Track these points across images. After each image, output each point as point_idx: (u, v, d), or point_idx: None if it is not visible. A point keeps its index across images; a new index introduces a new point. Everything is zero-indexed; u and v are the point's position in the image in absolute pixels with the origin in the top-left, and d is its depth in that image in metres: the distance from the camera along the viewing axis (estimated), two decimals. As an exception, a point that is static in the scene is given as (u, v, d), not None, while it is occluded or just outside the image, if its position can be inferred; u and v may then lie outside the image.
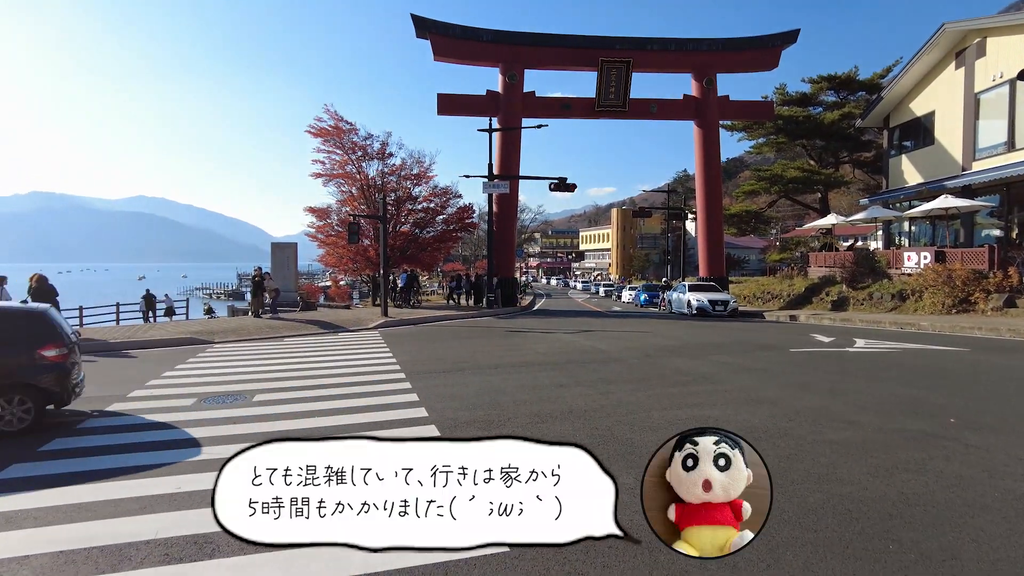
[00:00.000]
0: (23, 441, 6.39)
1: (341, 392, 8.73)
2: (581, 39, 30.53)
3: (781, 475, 5.03)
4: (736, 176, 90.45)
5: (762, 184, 41.03)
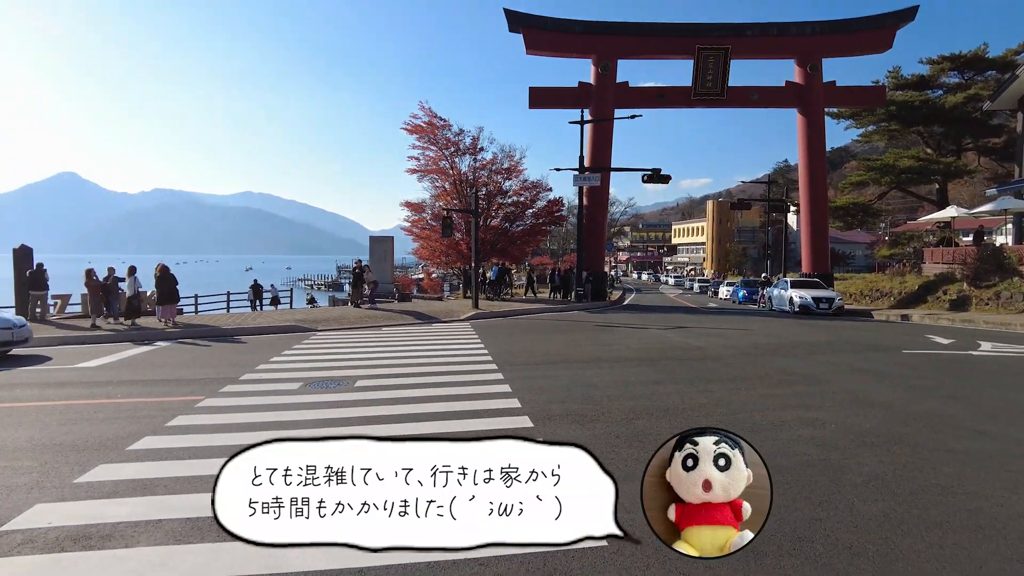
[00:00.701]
0: (151, 416, 6.97)
1: (436, 380, 8.95)
2: (676, 27, 29.69)
3: (897, 484, 4.72)
4: (842, 167, 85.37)
5: (871, 175, 38.45)
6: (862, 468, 5.09)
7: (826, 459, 5.33)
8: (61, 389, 8.75)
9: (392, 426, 6.49)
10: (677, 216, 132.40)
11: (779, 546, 3.67)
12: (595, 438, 5.92)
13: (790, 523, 3.99)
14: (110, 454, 5.56)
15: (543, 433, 6.10)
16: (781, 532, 3.85)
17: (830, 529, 3.92)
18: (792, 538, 3.78)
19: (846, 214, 40.81)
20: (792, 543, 3.72)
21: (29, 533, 3.92)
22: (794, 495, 4.48)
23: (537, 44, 29.16)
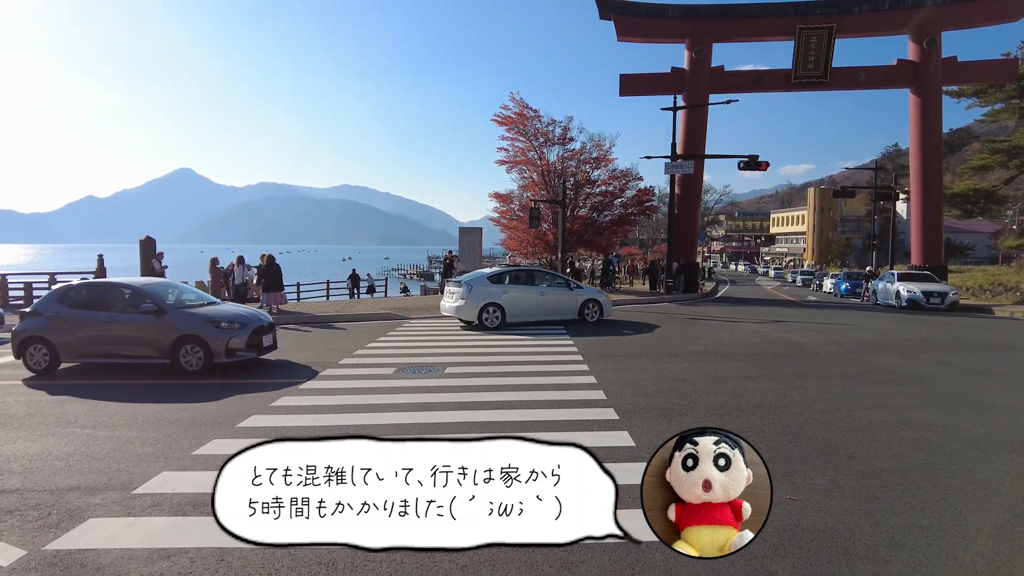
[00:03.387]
0: (259, 396, 7.50)
1: (522, 370, 9.08)
2: (775, 7, 28.26)
3: (1015, 496, 4.39)
4: (961, 150, 78.68)
5: (997, 158, 35.16)
6: (972, 475, 4.77)
7: (930, 463, 5.02)
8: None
9: (479, 412, 6.66)
10: (776, 204, 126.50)
11: (874, 552, 3.53)
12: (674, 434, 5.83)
13: (887, 528, 3.82)
14: (223, 430, 6.06)
15: (629, 426, 6.09)
16: (877, 537, 3.70)
17: (933, 537, 3.71)
18: (890, 544, 3.62)
19: (964, 201, 37.51)
20: (889, 549, 3.56)
21: (157, 497, 4.36)
22: (892, 499, 4.26)
23: (629, 30, 28.62)
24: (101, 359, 9.34)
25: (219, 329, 9.22)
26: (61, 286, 10.14)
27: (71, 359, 9.40)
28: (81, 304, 9.46)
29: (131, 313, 9.32)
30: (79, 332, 9.22)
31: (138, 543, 3.67)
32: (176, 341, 9.10)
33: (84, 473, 4.87)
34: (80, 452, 5.39)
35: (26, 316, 9.59)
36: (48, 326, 9.26)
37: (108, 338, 9.26)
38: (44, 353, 9.23)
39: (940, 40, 27.54)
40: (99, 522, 3.97)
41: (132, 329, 9.24)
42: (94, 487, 4.55)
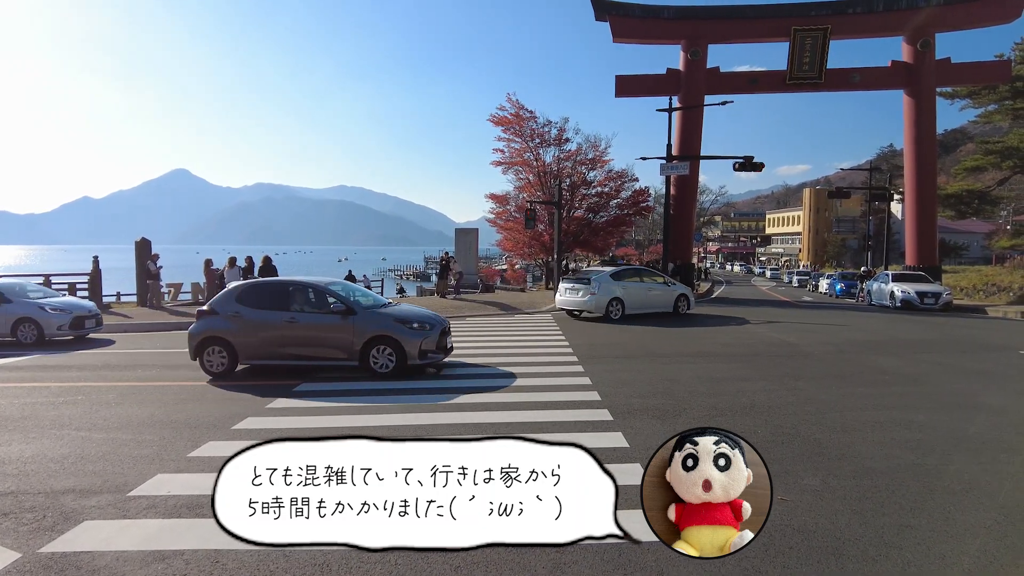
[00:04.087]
0: (254, 398, 7.51)
1: (518, 371, 9.11)
2: (770, 8, 28.34)
3: (1003, 495, 4.44)
4: (955, 150, 78.99)
5: (991, 159, 35.28)
6: (962, 475, 4.81)
7: (921, 463, 5.06)
8: (177, 371, 9.58)
9: (473, 414, 6.69)
10: (772, 205, 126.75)
11: (864, 551, 3.56)
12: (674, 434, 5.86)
13: (877, 528, 3.85)
14: (218, 432, 6.08)
15: (623, 427, 6.13)
16: (867, 537, 3.73)
17: (922, 537, 3.75)
18: (879, 543, 3.66)
19: (959, 202, 37.62)
20: (878, 549, 3.59)
21: (152, 499, 4.38)
22: (883, 499, 4.30)
23: (624, 31, 28.66)
24: (282, 361, 9.03)
25: (412, 330, 8.90)
26: (241, 284, 9.69)
27: (249, 361, 9.08)
28: (262, 303, 9.14)
29: (317, 313, 9.07)
30: (260, 333, 8.93)
31: (133, 545, 3.68)
32: (368, 342, 8.81)
33: (79, 475, 4.88)
34: (75, 454, 5.39)
35: (202, 315, 9.20)
36: (227, 326, 8.92)
37: (292, 339, 8.93)
38: (222, 355, 8.92)
39: (934, 42, 27.65)
40: (94, 524, 3.98)
41: (319, 330, 8.97)
42: (89, 489, 4.56)
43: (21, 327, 12.58)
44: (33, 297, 13.30)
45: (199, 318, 9.23)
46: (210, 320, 9.06)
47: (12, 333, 12.59)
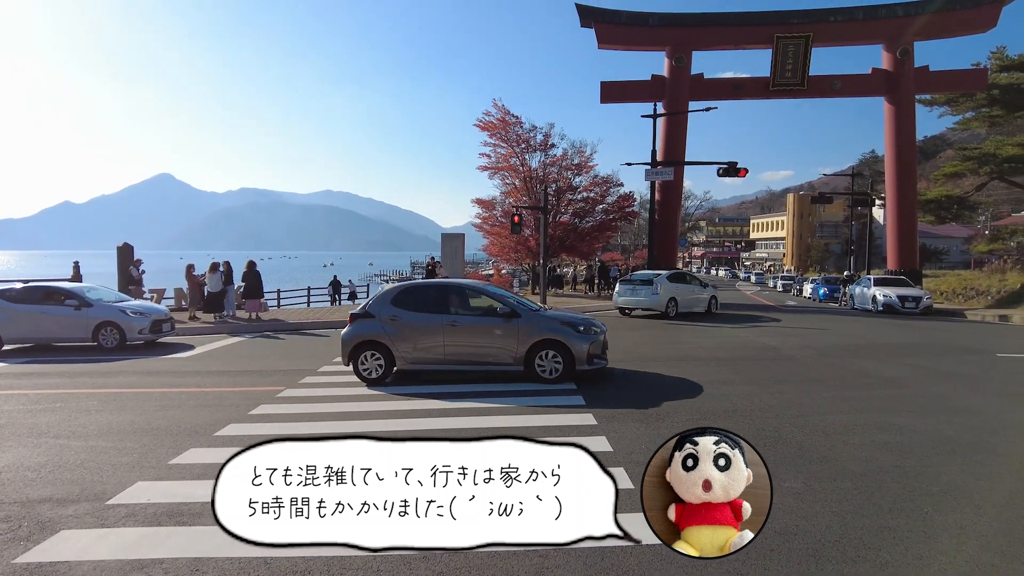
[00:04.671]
0: (236, 404, 7.45)
1: (506, 376, 9.10)
2: (754, 16, 28.70)
3: (979, 495, 4.50)
4: (935, 156, 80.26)
5: (969, 164, 35.84)
6: (940, 477, 4.88)
7: (900, 466, 5.12)
8: (157, 377, 9.48)
9: (458, 419, 6.68)
10: (756, 210, 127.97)
11: (843, 552, 3.60)
12: (660, 438, 5.87)
13: (856, 530, 3.90)
14: (200, 439, 6.02)
15: (607, 431, 6.15)
16: (846, 538, 3.77)
17: (900, 538, 3.80)
18: (858, 545, 3.70)
19: (938, 207, 38.16)
20: (858, 550, 3.63)
21: (132, 507, 4.32)
22: (862, 501, 4.35)
23: (609, 38, 28.85)
24: (441, 367, 8.80)
25: (579, 333, 8.60)
26: (397, 286, 9.45)
27: (408, 365, 8.80)
28: (421, 306, 8.89)
29: (479, 316, 8.79)
30: (420, 337, 8.68)
31: (111, 555, 3.63)
32: (533, 347, 8.52)
33: (56, 484, 4.80)
34: (52, 463, 5.32)
35: (356, 319, 8.95)
36: (384, 330, 8.68)
37: (452, 343, 8.67)
38: (378, 360, 8.68)
39: (913, 50, 28.10)
40: (71, 534, 3.92)
41: (481, 334, 8.69)
42: (66, 498, 4.50)
43: (103, 331, 12.50)
44: (110, 300, 13.26)
45: (352, 322, 8.96)
46: (365, 324, 8.81)
47: (94, 337, 12.48)
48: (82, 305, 12.60)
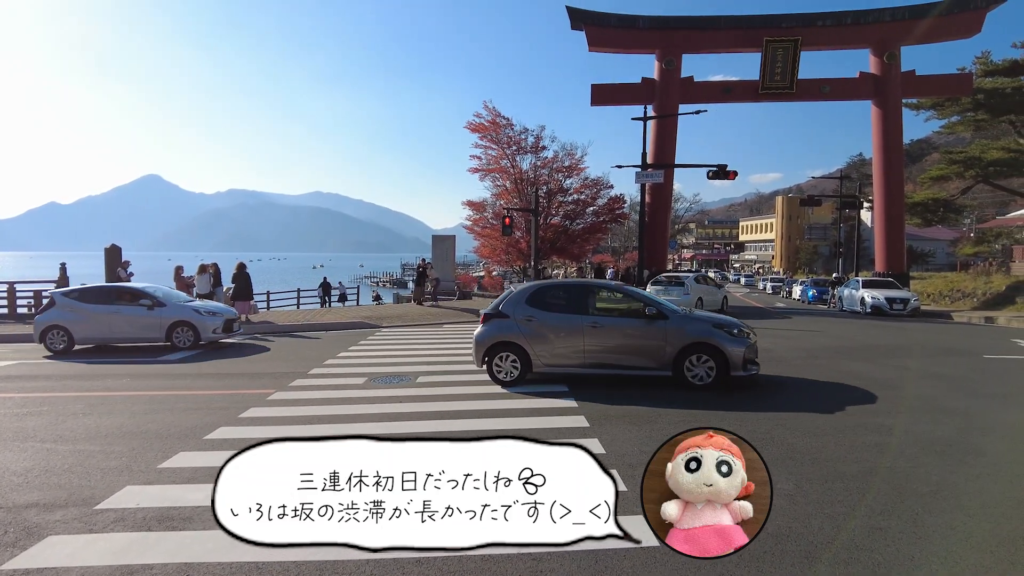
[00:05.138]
0: (226, 408, 7.39)
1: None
2: (743, 19, 28.90)
3: (968, 496, 4.54)
4: (921, 160, 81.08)
5: (955, 168, 36.22)
6: (930, 477, 4.91)
7: (891, 467, 5.16)
8: (147, 380, 9.39)
9: (450, 422, 6.66)
10: (745, 212, 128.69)
11: (835, 554, 3.62)
12: (651, 440, 5.91)
13: (848, 531, 3.92)
14: (189, 442, 5.96)
15: (599, 434, 6.15)
16: (838, 540, 3.79)
17: (891, 539, 3.82)
18: (850, 546, 3.71)
19: (925, 210, 38.57)
20: (849, 551, 3.65)
21: (120, 512, 4.27)
22: (853, 503, 4.37)
23: (600, 40, 28.94)
24: (581, 370, 8.42)
25: (733, 337, 8.13)
26: (532, 284, 9.07)
27: (543, 368, 8.48)
28: (559, 306, 8.54)
29: (623, 316, 8.38)
30: (559, 338, 8.35)
31: (100, 560, 3.59)
32: (683, 350, 8.08)
33: (43, 489, 4.74)
34: (39, 467, 5.25)
35: (490, 319, 8.61)
36: (520, 331, 8.35)
37: (594, 345, 8.28)
38: (514, 362, 8.37)
39: (899, 54, 28.39)
40: (59, 539, 3.88)
41: (626, 335, 8.27)
42: (54, 503, 4.44)
43: (177, 331, 12.58)
44: (179, 300, 13.39)
45: (485, 322, 8.66)
46: (500, 324, 8.50)
47: (167, 337, 12.57)
48: (155, 305, 12.68)
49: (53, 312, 12.43)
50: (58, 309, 12.44)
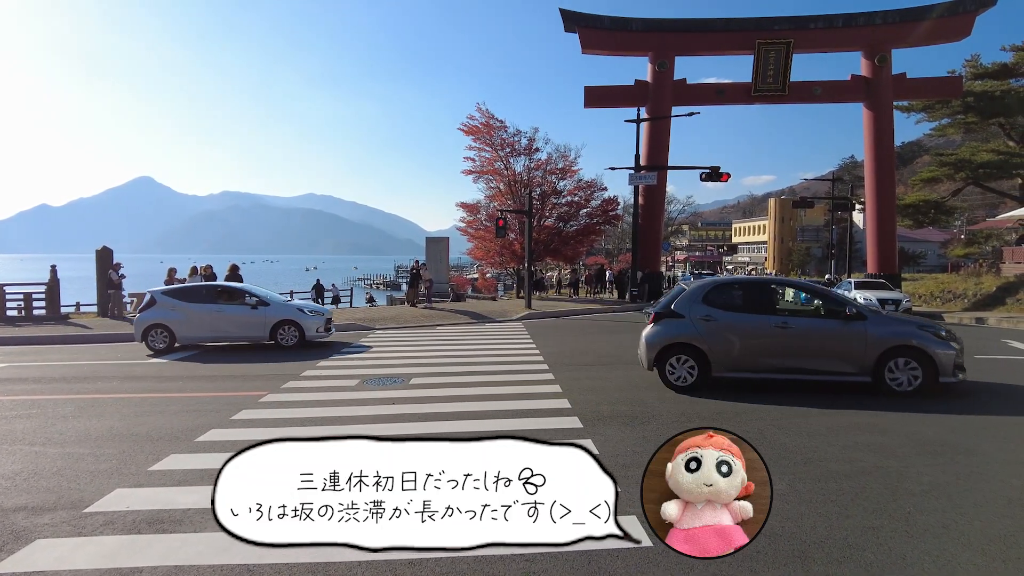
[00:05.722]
0: (218, 409, 7.34)
1: (488, 380, 9.09)
2: (736, 22, 29.03)
3: (959, 495, 4.55)
4: (912, 162, 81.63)
5: (945, 170, 36.56)
6: (922, 477, 4.93)
7: (884, 466, 5.18)
8: (138, 382, 9.33)
9: (444, 423, 6.65)
10: (738, 214, 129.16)
11: (828, 553, 3.62)
12: (644, 440, 5.91)
13: (842, 530, 3.92)
14: (180, 445, 5.92)
15: (593, 434, 6.14)
16: (831, 539, 3.79)
17: (884, 538, 3.83)
18: (843, 545, 3.72)
19: (916, 212, 38.90)
20: (843, 551, 3.66)
21: (110, 515, 4.24)
22: (846, 502, 4.38)
23: (593, 43, 29.02)
24: (767, 374, 7.87)
25: (940, 340, 7.59)
26: (707, 282, 8.62)
27: (724, 372, 7.96)
28: (740, 305, 8.04)
29: (815, 317, 7.89)
30: (742, 340, 7.84)
31: (89, 563, 3.56)
32: (883, 354, 7.57)
33: (32, 492, 4.70)
34: (27, 470, 5.20)
35: (661, 319, 8.13)
36: (697, 331, 7.87)
37: (783, 348, 7.76)
38: (690, 365, 7.88)
39: (890, 57, 28.57)
40: (48, 543, 3.84)
41: (820, 338, 7.77)
42: (42, 507, 4.40)
43: (281, 330, 12.71)
44: (282, 300, 13.90)
45: (657, 321, 8.18)
46: (673, 324, 7.99)
47: (271, 336, 12.69)
48: (260, 304, 12.76)
49: (154, 311, 12.53)
50: (159, 308, 12.53)
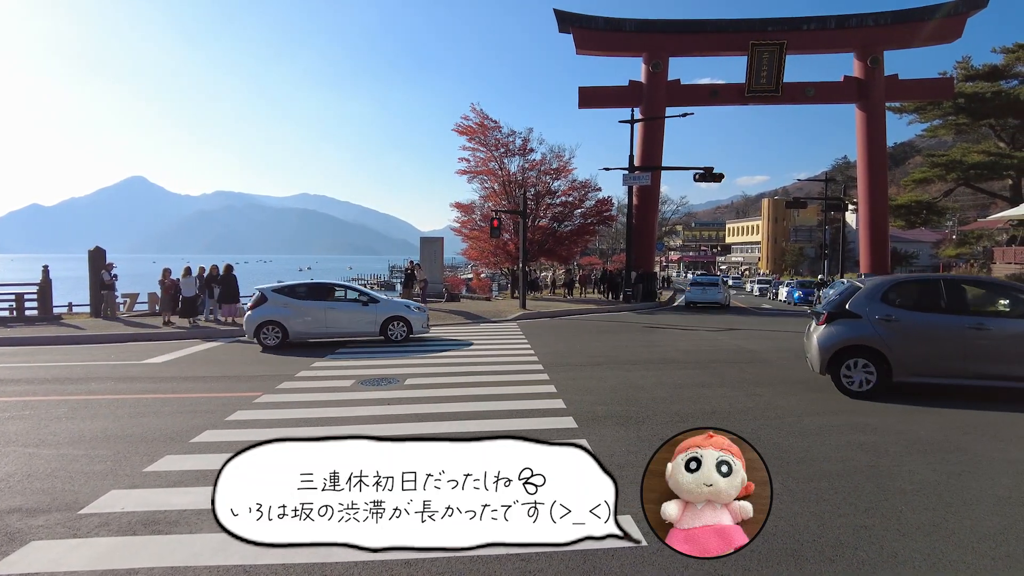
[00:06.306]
0: (212, 410, 7.33)
1: (483, 380, 9.10)
2: (729, 23, 29.17)
3: (949, 493, 4.60)
4: (905, 163, 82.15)
5: (936, 171, 36.81)
6: (913, 476, 4.97)
7: (875, 465, 5.22)
8: (132, 383, 9.29)
9: (438, 424, 6.66)
10: (732, 214, 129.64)
11: (820, 552, 3.65)
12: (639, 441, 5.94)
13: (833, 529, 3.96)
14: (175, 446, 5.91)
15: (587, 435, 6.17)
16: (824, 538, 3.83)
17: (875, 537, 3.86)
18: (835, 544, 3.75)
19: (908, 212, 39.18)
20: (835, 549, 3.69)
21: (105, 517, 4.23)
22: (839, 501, 4.42)
23: (587, 44, 29.09)
24: (960, 380, 7.39)
25: None
26: (885, 279, 8.17)
27: (908, 377, 7.54)
28: (929, 305, 7.51)
29: (1019, 319, 7.28)
30: (930, 343, 7.35)
31: (84, 565, 3.55)
32: None
33: (25, 494, 4.68)
34: (21, 472, 5.18)
35: (835, 319, 7.74)
36: (877, 332, 7.42)
37: (979, 352, 7.22)
38: (868, 369, 7.52)
39: (883, 58, 28.77)
40: (42, 545, 3.83)
41: (1006, 342, 7.21)
42: (36, 508, 4.39)
43: (391, 325, 13.37)
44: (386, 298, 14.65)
45: (830, 322, 7.73)
46: (849, 325, 7.56)
47: (381, 332, 13.35)
48: (370, 301, 13.34)
49: (266, 308, 12.98)
50: (271, 305, 13.02)
